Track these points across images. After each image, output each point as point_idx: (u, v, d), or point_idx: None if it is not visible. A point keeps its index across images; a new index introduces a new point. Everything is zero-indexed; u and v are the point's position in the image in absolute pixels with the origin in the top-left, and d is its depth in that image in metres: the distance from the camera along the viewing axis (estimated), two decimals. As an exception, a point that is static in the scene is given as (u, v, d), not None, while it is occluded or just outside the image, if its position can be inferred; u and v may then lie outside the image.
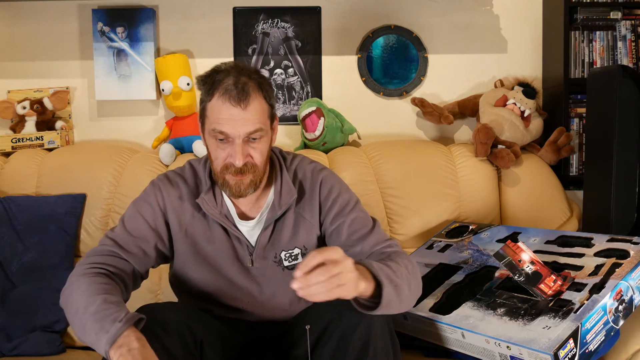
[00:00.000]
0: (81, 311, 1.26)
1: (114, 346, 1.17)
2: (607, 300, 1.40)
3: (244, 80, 1.36)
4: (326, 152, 2.33)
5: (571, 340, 1.34)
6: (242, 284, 1.49)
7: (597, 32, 2.34)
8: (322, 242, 1.55)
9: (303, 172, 1.54)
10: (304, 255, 1.50)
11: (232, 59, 2.46)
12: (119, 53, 2.41)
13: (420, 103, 2.42)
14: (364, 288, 1.23)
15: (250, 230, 1.50)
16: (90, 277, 1.32)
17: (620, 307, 1.42)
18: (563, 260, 1.64)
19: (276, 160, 1.54)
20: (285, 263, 1.50)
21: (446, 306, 1.63)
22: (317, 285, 1.14)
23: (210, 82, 1.39)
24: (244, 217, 1.50)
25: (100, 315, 1.22)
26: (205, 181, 1.49)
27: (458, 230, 2.04)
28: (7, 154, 2.30)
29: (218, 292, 1.50)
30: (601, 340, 1.39)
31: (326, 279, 1.14)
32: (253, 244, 1.49)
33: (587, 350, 1.37)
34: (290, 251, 1.50)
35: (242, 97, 1.34)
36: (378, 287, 1.26)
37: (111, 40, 2.41)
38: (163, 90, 2.32)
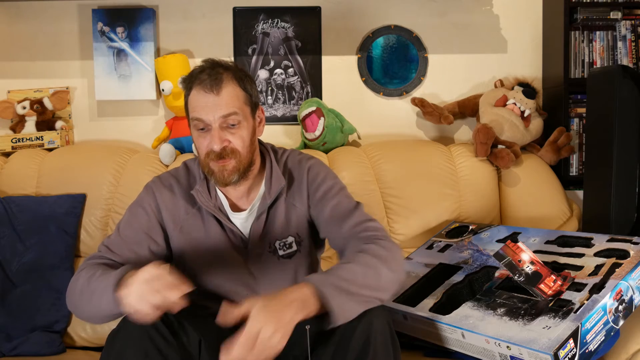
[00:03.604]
0: (86, 286, 1.34)
1: (120, 286, 1.25)
2: (607, 300, 1.40)
3: (218, 71, 1.43)
4: (326, 152, 2.33)
5: (571, 340, 1.34)
6: (239, 276, 1.51)
7: (597, 32, 2.34)
8: (312, 227, 1.56)
9: (292, 162, 1.57)
10: (297, 243, 1.52)
11: (232, 59, 2.46)
12: (119, 53, 2.41)
13: (420, 103, 2.42)
14: (304, 315, 1.21)
15: (243, 222, 1.52)
16: (87, 269, 1.39)
17: (620, 307, 1.42)
18: (563, 260, 1.64)
19: (266, 153, 1.57)
20: (280, 252, 1.51)
21: (446, 306, 1.63)
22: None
23: (188, 79, 1.46)
24: (236, 209, 1.53)
25: (105, 276, 1.32)
26: (200, 175, 1.53)
27: (458, 230, 2.04)
28: (7, 154, 2.30)
29: (216, 286, 1.52)
30: (601, 340, 1.39)
31: (247, 351, 1.14)
32: (247, 236, 1.51)
33: (587, 350, 1.37)
34: (284, 240, 1.52)
35: (214, 84, 1.40)
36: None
37: (111, 40, 2.41)
38: (163, 90, 2.32)
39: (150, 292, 1.20)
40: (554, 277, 1.52)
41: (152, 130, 2.48)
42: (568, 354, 1.33)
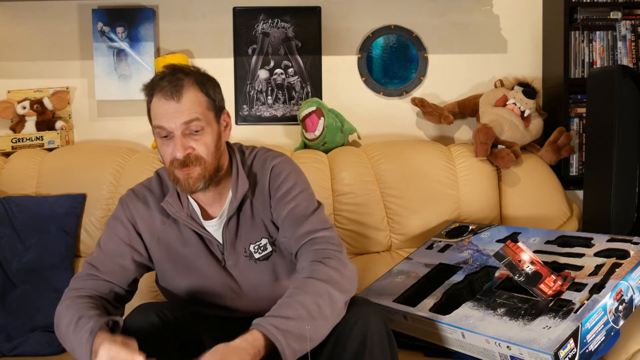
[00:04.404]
0: (66, 335, 1.33)
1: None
2: (607, 300, 1.40)
3: (179, 77, 1.41)
4: (326, 152, 2.33)
5: (571, 340, 1.34)
6: (222, 282, 1.50)
7: (597, 32, 2.34)
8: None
9: (257, 162, 1.54)
10: (272, 243, 1.50)
11: (232, 59, 2.46)
12: (119, 53, 2.41)
13: (420, 103, 2.42)
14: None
15: (216, 229, 1.51)
16: (68, 304, 1.39)
17: (621, 307, 1.42)
18: (563, 260, 1.64)
19: (233, 156, 1.54)
20: (257, 255, 1.50)
21: (446, 306, 1.63)
22: None
23: (149, 86, 1.44)
24: (208, 216, 1.52)
25: (77, 332, 1.30)
26: (171, 185, 1.50)
27: (458, 230, 2.04)
28: (7, 154, 2.30)
29: (202, 293, 1.51)
30: (601, 340, 1.39)
31: None
32: (222, 242, 1.50)
33: (587, 350, 1.37)
34: (257, 243, 1.50)
35: (175, 90, 1.39)
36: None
37: (111, 40, 2.41)
38: (163, 90, 2.32)
39: None
40: (554, 277, 1.52)
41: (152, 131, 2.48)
42: (568, 354, 1.33)
